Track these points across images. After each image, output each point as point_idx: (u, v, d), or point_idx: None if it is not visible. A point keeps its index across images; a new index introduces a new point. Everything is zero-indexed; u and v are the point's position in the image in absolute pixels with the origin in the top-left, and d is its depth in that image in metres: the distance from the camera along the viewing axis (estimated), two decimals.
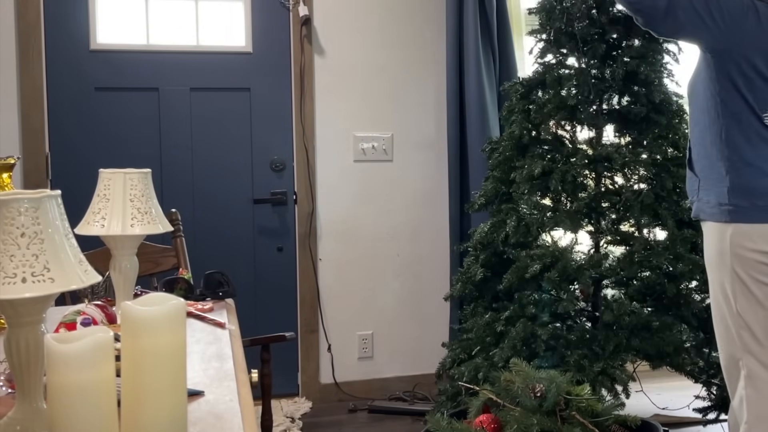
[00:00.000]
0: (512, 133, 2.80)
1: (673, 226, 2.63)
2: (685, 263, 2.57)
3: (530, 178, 2.66)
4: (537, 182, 2.66)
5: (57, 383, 0.81)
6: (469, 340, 2.77)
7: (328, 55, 3.45)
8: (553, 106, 2.72)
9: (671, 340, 2.53)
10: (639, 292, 2.66)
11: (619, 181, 2.76)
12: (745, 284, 1.93)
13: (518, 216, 2.68)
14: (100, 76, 3.26)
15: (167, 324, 0.89)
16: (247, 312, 3.24)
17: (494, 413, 2.03)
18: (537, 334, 2.51)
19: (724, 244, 1.96)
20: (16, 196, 0.93)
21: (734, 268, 1.94)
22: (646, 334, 2.55)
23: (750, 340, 1.95)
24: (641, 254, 2.61)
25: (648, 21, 2.03)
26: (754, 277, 1.93)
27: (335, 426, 3.24)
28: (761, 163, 1.95)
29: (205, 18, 3.37)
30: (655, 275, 2.59)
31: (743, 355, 1.97)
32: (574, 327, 2.63)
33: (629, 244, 2.69)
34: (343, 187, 3.50)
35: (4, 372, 1.24)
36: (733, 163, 1.96)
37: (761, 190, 1.94)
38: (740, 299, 1.95)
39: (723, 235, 1.96)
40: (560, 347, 2.53)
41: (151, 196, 1.63)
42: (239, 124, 3.42)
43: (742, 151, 1.96)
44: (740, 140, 1.96)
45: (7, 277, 0.91)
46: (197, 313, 1.85)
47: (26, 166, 3.14)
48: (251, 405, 1.24)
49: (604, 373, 2.43)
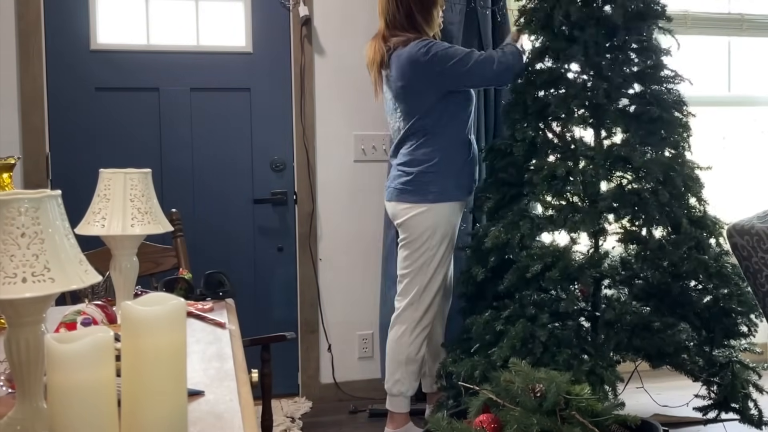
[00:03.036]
0: (525, 134, 2.79)
1: (687, 224, 2.64)
2: (691, 262, 2.58)
3: (550, 178, 2.66)
4: (555, 183, 2.66)
5: (57, 383, 0.81)
6: (469, 340, 2.77)
7: (328, 55, 3.45)
8: (564, 106, 2.71)
9: (671, 340, 2.53)
10: (643, 291, 2.66)
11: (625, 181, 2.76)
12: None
13: (530, 218, 2.68)
14: (100, 76, 3.26)
15: (167, 324, 0.89)
16: (247, 312, 3.24)
17: (494, 413, 2.02)
18: (536, 335, 2.51)
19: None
20: (16, 196, 0.93)
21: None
22: (646, 334, 2.55)
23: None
24: (655, 252, 2.61)
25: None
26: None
27: (335, 426, 3.24)
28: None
29: (205, 18, 3.37)
30: (661, 274, 2.60)
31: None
32: (568, 325, 2.63)
33: (642, 242, 2.69)
34: (343, 187, 3.50)
35: (4, 372, 1.25)
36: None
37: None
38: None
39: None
40: (551, 346, 2.53)
41: (152, 196, 1.63)
42: (239, 124, 3.42)
43: None
44: None
45: (7, 277, 0.91)
46: (197, 313, 1.85)
47: (26, 166, 3.14)
48: (251, 405, 1.24)
49: (592, 373, 2.44)
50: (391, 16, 2.84)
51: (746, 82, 4.09)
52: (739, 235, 2.58)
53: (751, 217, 2.63)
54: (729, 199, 2.81)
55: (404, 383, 2.90)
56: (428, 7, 2.86)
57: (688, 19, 3.89)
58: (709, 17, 3.95)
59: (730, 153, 4.04)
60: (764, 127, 4.14)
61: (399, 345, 2.91)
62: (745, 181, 4.01)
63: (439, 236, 2.83)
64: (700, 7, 3.93)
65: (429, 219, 2.82)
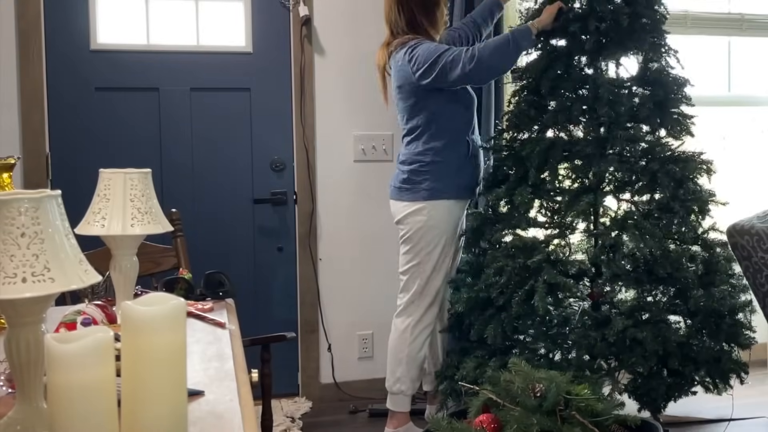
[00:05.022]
0: (542, 133, 2.79)
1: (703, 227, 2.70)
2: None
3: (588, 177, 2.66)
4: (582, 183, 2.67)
5: (57, 383, 0.81)
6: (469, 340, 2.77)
7: (328, 55, 3.45)
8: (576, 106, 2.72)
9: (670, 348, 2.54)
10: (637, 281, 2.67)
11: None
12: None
13: (559, 220, 2.69)
14: (100, 76, 3.26)
15: (167, 324, 0.89)
16: (247, 312, 3.24)
17: (494, 413, 2.03)
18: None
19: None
20: (16, 196, 0.93)
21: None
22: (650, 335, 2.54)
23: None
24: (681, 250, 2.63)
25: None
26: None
27: (335, 426, 3.24)
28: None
29: (205, 18, 3.37)
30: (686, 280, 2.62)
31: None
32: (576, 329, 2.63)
33: (673, 239, 2.70)
34: (343, 187, 3.50)
35: (4, 372, 1.25)
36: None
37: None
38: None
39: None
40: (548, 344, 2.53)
41: (152, 196, 1.63)
42: (239, 124, 3.42)
43: None
44: None
45: (7, 277, 0.91)
46: (197, 313, 1.85)
47: (26, 166, 3.14)
48: (251, 405, 1.24)
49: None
50: (394, 22, 2.88)
51: (746, 82, 4.09)
52: (739, 235, 2.58)
53: (751, 217, 2.63)
54: (729, 199, 2.80)
55: (405, 382, 2.90)
56: (431, 8, 2.86)
57: (688, 19, 3.89)
58: (709, 17, 3.95)
59: (730, 153, 4.04)
60: (764, 126, 4.14)
61: (400, 342, 2.91)
62: (745, 181, 4.01)
63: (435, 234, 2.83)
64: (700, 7, 3.93)
65: (423, 216, 2.83)
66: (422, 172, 2.83)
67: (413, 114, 2.86)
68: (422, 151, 2.84)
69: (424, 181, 2.83)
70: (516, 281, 2.59)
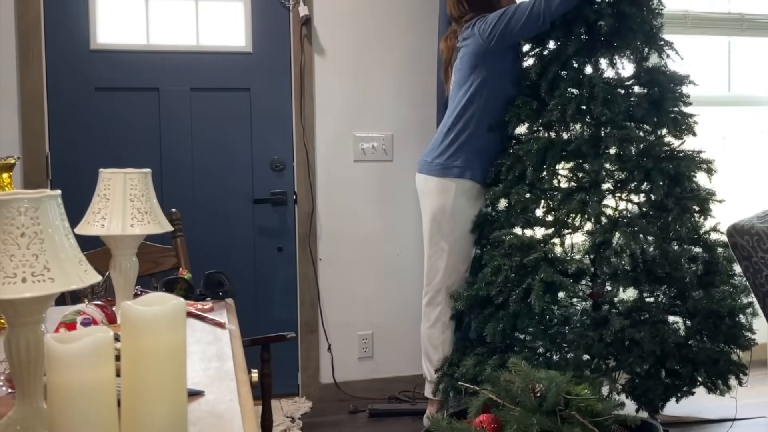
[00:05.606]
0: (541, 132, 2.80)
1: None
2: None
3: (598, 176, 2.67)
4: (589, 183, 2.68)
5: (57, 383, 0.81)
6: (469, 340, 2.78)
7: (328, 55, 3.45)
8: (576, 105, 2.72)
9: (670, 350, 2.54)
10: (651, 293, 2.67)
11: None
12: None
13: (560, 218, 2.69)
14: (100, 76, 3.26)
15: (167, 324, 0.89)
16: (247, 312, 3.24)
17: (494, 413, 2.03)
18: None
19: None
20: (16, 196, 0.93)
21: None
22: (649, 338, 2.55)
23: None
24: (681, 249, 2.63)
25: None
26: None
27: (335, 426, 3.24)
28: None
29: (205, 18, 3.37)
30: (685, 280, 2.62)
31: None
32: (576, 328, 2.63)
33: (676, 239, 2.70)
34: (343, 187, 3.50)
35: (4, 372, 1.25)
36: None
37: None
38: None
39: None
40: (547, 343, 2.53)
41: (151, 196, 1.63)
42: (239, 124, 3.42)
43: None
44: None
45: (7, 277, 0.91)
46: (197, 313, 1.85)
47: (26, 166, 3.14)
48: (251, 405, 1.24)
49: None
50: (456, 11, 2.97)
51: (746, 82, 4.09)
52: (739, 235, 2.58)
53: (751, 217, 2.63)
54: (729, 199, 2.80)
55: (428, 369, 2.93)
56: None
57: (688, 19, 3.89)
58: (709, 17, 3.95)
59: (730, 153, 4.04)
60: (764, 126, 4.14)
61: (435, 330, 2.93)
62: (745, 181, 4.01)
63: (447, 214, 2.87)
64: (700, 7, 3.93)
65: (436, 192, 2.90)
66: (453, 146, 2.88)
67: (465, 82, 2.87)
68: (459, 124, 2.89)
69: (453, 157, 2.87)
70: (513, 280, 2.59)
